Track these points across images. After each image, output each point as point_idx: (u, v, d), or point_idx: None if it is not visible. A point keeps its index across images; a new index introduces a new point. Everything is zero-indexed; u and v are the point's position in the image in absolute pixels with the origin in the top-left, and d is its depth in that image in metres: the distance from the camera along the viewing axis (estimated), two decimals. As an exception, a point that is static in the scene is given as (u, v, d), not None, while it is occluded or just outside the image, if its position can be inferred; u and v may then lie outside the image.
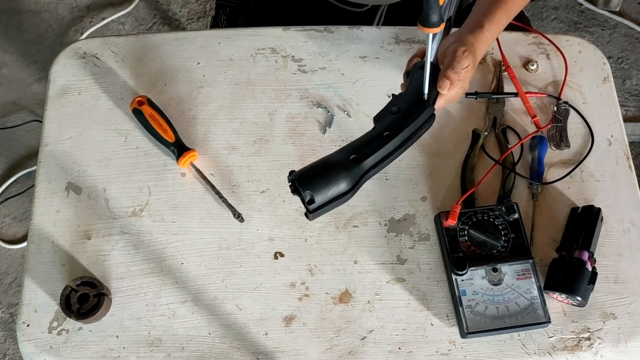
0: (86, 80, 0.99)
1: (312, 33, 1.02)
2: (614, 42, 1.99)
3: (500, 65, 1.00)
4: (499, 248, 0.86)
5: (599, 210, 0.89)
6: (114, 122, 0.97)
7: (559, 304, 0.87)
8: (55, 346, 0.84)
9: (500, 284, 0.84)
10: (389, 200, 0.92)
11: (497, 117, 0.97)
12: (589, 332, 0.86)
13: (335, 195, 0.68)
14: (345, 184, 0.67)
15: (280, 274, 0.88)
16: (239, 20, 1.20)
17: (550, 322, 0.83)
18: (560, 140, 0.96)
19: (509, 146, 0.95)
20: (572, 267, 0.84)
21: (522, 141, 0.95)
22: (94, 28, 1.98)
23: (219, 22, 1.24)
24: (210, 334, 0.85)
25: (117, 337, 0.85)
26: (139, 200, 0.92)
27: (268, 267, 0.89)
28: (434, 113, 0.76)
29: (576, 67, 1.01)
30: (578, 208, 0.91)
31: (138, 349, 0.84)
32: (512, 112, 0.98)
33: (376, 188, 0.93)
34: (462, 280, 0.85)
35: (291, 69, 1.00)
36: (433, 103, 0.77)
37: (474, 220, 0.88)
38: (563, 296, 0.85)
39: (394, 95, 0.76)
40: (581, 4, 2.03)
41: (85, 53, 1.01)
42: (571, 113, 0.98)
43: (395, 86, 0.87)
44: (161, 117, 0.94)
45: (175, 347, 0.85)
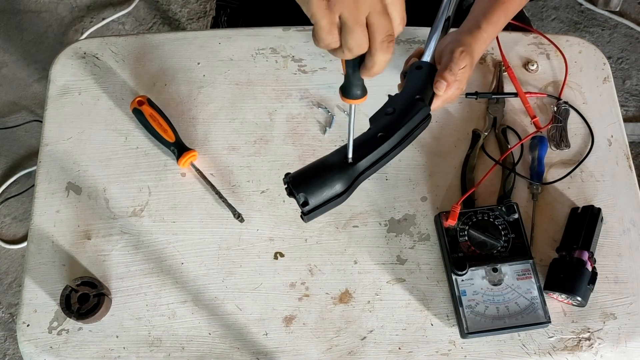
0: (86, 80, 0.99)
1: (312, 33, 1.02)
2: (614, 42, 1.99)
3: (500, 66, 1.00)
4: (499, 248, 0.86)
5: (599, 210, 0.89)
6: (114, 122, 0.97)
7: (559, 304, 0.87)
8: (55, 346, 0.84)
9: (500, 284, 0.84)
10: (389, 200, 0.92)
11: (497, 117, 0.97)
12: (589, 332, 0.86)
13: (330, 197, 0.67)
14: (339, 185, 0.67)
15: (280, 274, 0.88)
16: (239, 21, 1.20)
17: (550, 322, 0.83)
18: (560, 140, 0.96)
19: (509, 146, 0.95)
20: (572, 267, 0.84)
21: (522, 141, 0.95)
22: (94, 28, 1.98)
23: (219, 22, 1.24)
24: (210, 334, 0.85)
25: (117, 337, 0.85)
26: (139, 200, 0.92)
27: (268, 267, 0.89)
28: (429, 114, 0.75)
29: (576, 67, 1.01)
30: (578, 208, 0.91)
31: (138, 349, 0.84)
32: (512, 112, 0.98)
33: (376, 188, 0.93)
34: (462, 280, 0.85)
35: (291, 69, 1.00)
36: (429, 104, 0.77)
37: (474, 220, 0.88)
38: (563, 296, 0.85)
39: (389, 95, 0.76)
40: (581, 4, 2.03)
41: (85, 53, 1.01)
42: (571, 113, 0.98)
43: (395, 86, 0.87)
44: (161, 117, 0.94)
45: (175, 347, 0.85)
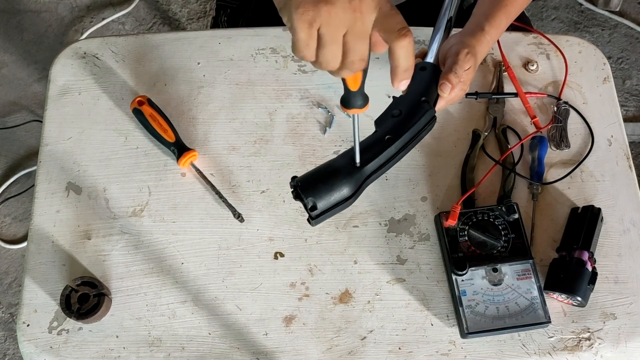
0: (86, 80, 0.99)
1: (312, 33, 1.02)
2: (614, 42, 1.99)
3: (500, 66, 1.00)
4: (499, 248, 0.86)
5: (599, 210, 0.89)
6: (114, 122, 0.97)
7: (559, 304, 0.87)
8: (55, 346, 0.84)
9: (500, 284, 0.84)
10: (389, 200, 0.92)
11: (497, 117, 0.97)
12: (589, 332, 0.86)
13: (338, 201, 0.67)
14: (347, 189, 0.67)
15: (280, 274, 0.88)
16: (239, 21, 1.20)
17: (550, 322, 0.83)
18: (560, 140, 0.96)
19: (509, 146, 0.95)
20: (572, 267, 0.84)
21: (522, 141, 0.95)
22: (94, 28, 1.98)
23: (219, 23, 1.24)
24: (210, 334, 0.85)
25: (117, 337, 0.85)
26: (139, 200, 0.92)
27: (268, 267, 0.89)
28: (435, 115, 0.75)
29: (576, 67, 1.01)
30: (578, 208, 0.91)
31: (138, 349, 0.84)
32: (512, 112, 0.98)
33: (376, 188, 0.93)
34: (462, 281, 0.85)
35: (291, 69, 1.00)
36: (434, 105, 0.77)
37: (474, 220, 0.88)
38: (563, 296, 0.85)
39: (394, 97, 0.76)
40: (581, 4, 2.03)
41: (85, 53, 1.01)
42: (571, 113, 0.98)
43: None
44: (161, 117, 0.94)
45: (175, 347, 0.85)
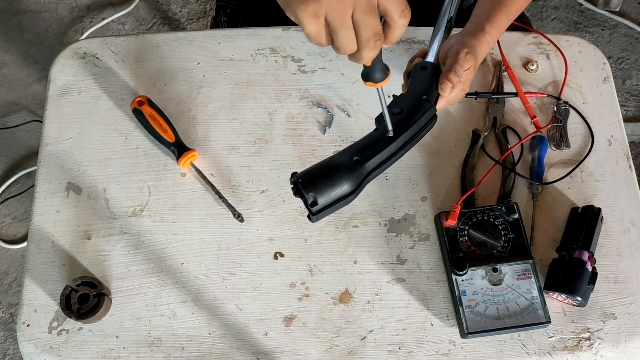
0: (86, 80, 0.99)
1: (312, 33, 1.02)
2: (614, 42, 1.99)
3: (500, 65, 1.00)
4: (499, 248, 0.86)
5: (599, 210, 0.89)
6: (114, 122, 0.97)
7: (559, 304, 0.87)
8: (55, 346, 0.84)
9: (500, 284, 0.84)
10: (389, 200, 0.92)
11: (497, 117, 0.97)
12: (589, 332, 0.86)
13: (339, 197, 0.67)
14: (348, 185, 0.67)
15: (280, 274, 0.88)
16: (239, 21, 1.20)
17: (550, 322, 0.83)
18: (560, 140, 0.96)
19: (509, 146, 0.95)
20: (572, 267, 0.84)
21: (522, 141, 0.95)
22: (94, 28, 1.98)
23: (219, 23, 1.24)
24: (210, 334, 0.85)
25: (117, 337, 0.85)
26: (139, 200, 0.92)
27: (268, 267, 0.89)
28: (435, 114, 0.76)
29: (576, 67, 1.02)
30: (578, 208, 0.91)
31: (138, 349, 0.84)
32: (512, 112, 0.98)
33: (376, 188, 0.93)
34: (462, 280, 0.85)
35: (291, 69, 1.00)
36: (434, 104, 0.77)
37: (474, 220, 0.88)
38: (563, 296, 0.85)
39: (394, 96, 0.76)
40: (581, 4, 2.03)
41: (85, 53, 1.01)
42: (571, 113, 0.98)
43: (395, 86, 0.87)
44: (161, 117, 0.94)
45: (175, 347, 0.85)
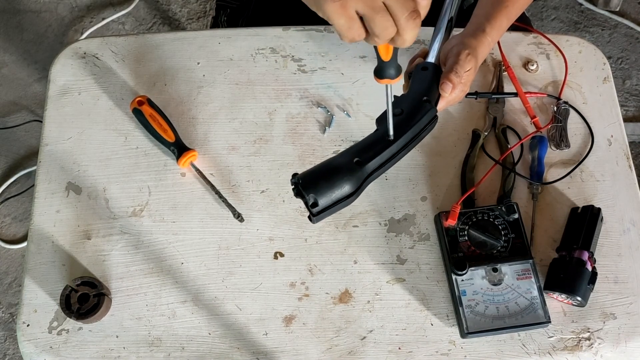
0: (86, 80, 0.99)
1: (312, 33, 1.02)
2: (614, 42, 1.99)
3: (500, 65, 1.00)
4: (499, 248, 0.86)
5: (599, 210, 0.89)
6: (114, 122, 0.97)
7: (559, 304, 0.87)
8: (55, 346, 0.84)
9: (500, 284, 0.84)
10: (389, 200, 0.92)
11: (497, 117, 0.97)
12: (589, 332, 0.86)
13: (339, 198, 0.67)
14: (348, 187, 0.67)
15: (280, 274, 0.88)
16: (239, 21, 1.20)
17: (550, 322, 0.83)
18: (560, 140, 0.96)
19: (509, 146, 0.95)
20: (572, 267, 0.84)
21: (522, 141, 0.95)
22: (94, 28, 1.98)
23: (219, 22, 1.24)
24: (210, 334, 0.85)
25: (117, 337, 0.85)
26: (139, 200, 0.92)
27: (268, 267, 0.89)
28: (436, 115, 0.76)
29: (576, 67, 1.01)
30: (578, 208, 0.91)
31: (138, 349, 0.84)
32: (512, 112, 0.98)
33: (376, 188, 0.93)
34: (462, 280, 0.85)
35: (291, 69, 1.00)
36: (435, 105, 0.77)
37: (474, 220, 0.88)
38: (563, 296, 0.85)
39: (395, 96, 0.76)
40: (581, 4, 2.03)
41: (85, 53, 1.01)
42: (571, 113, 0.98)
43: (395, 86, 0.87)
44: (161, 117, 0.94)
45: (175, 347, 0.85)
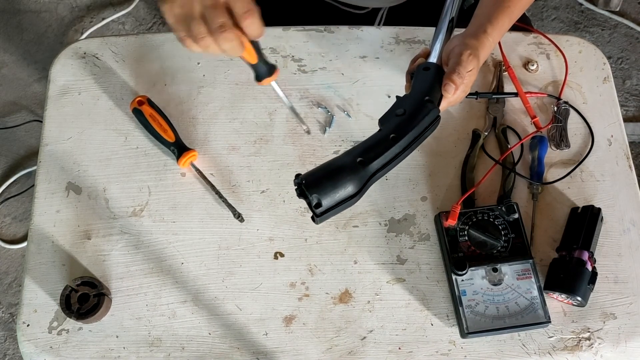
0: (86, 80, 0.99)
1: (312, 33, 1.02)
2: (614, 42, 1.99)
3: (500, 65, 1.00)
4: (499, 248, 0.86)
5: (599, 210, 0.89)
6: (114, 122, 0.97)
7: (559, 304, 0.87)
8: (55, 346, 0.84)
9: (500, 284, 0.84)
10: (389, 200, 0.92)
11: (497, 117, 0.97)
12: (589, 332, 0.86)
13: (343, 199, 0.67)
14: (352, 187, 0.67)
15: (280, 274, 0.88)
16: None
17: (550, 322, 0.83)
18: (560, 140, 0.96)
19: (509, 146, 0.95)
20: (572, 267, 0.84)
21: (522, 141, 0.95)
22: (94, 28, 1.98)
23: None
24: (210, 334, 0.85)
25: (117, 337, 0.85)
26: (139, 200, 0.92)
27: (268, 267, 0.89)
28: (439, 115, 0.76)
29: (576, 67, 1.02)
30: (578, 208, 0.91)
31: (138, 349, 0.84)
32: (512, 112, 0.98)
33: (376, 188, 0.93)
34: (462, 280, 0.85)
35: (291, 69, 1.00)
36: (437, 105, 0.77)
37: (474, 220, 0.88)
38: (563, 296, 0.85)
39: (398, 97, 0.76)
40: (581, 4, 2.03)
41: (85, 53, 1.01)
42: (571, 113, 0.98)
43: (395, 86, 0.87)
44: (161, 117, 0.94)
45: (175, 347, 0.85)
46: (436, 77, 0.78)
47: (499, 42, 1.00)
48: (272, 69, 0.77)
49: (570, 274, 0.84)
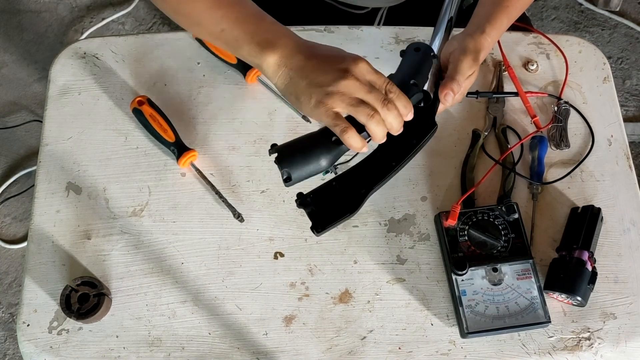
0: (86, 80, 0.99)
1: (312, 33, 1.02)
2: (614, 42, 1.99)
3: (500, 65, 1.00)
4: (499, 248, 0.86)
5: (599, 210, 0.89)
6: (114, 122, 0.97)
7: (559, 304, 0.87)
8: (55, 346, 0.84)
9: (500, 284, 0.84)
10: (389, 200, 0.92)
11: (497, 116, 0.97)
12: (589, 332, 0.86)
13: (313, 172, 0.71)
14: (325, 161, 0.70)
15: (280, 274, 0.88)
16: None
17: (550, 322, 0.83)
18: (560, 140, 0.96)
19: (509, 146, 0.95)
20: (572, 267, 0.84)
21: (522, 141, 0.95)
22: (94, 28, 1.98)
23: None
24: (210, 334, 0.85)
25: (117, 337, 0.85)
26: (139, 200, 0.92)
27: (268, 267, 0.89)
28: (436, 124, 0.76)
29: (576, 67, 1.02)
30: (578, 208, 0.91)
31: (138, 349, 0.84)
32: (512, 112, 0.98)
33: (376, 188, 0.93)
34: (462, 280, 0.85)
35: (291, 69, 1.00)
36: (431, 105, 0.77)
37: (474, 220, 0.88)
38: (563, 296, 0.85)
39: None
40: (581, 4, 2.03)
41: (85, 53, 1.01)
42: (571, 113, 0.98)
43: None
44: (161, 117, 0.94)
45: (175, 347, 0.85)
46: (425, 60, 0.76)
47: (498, 42, 1.00)
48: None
49: (570, 274, 0.84)
